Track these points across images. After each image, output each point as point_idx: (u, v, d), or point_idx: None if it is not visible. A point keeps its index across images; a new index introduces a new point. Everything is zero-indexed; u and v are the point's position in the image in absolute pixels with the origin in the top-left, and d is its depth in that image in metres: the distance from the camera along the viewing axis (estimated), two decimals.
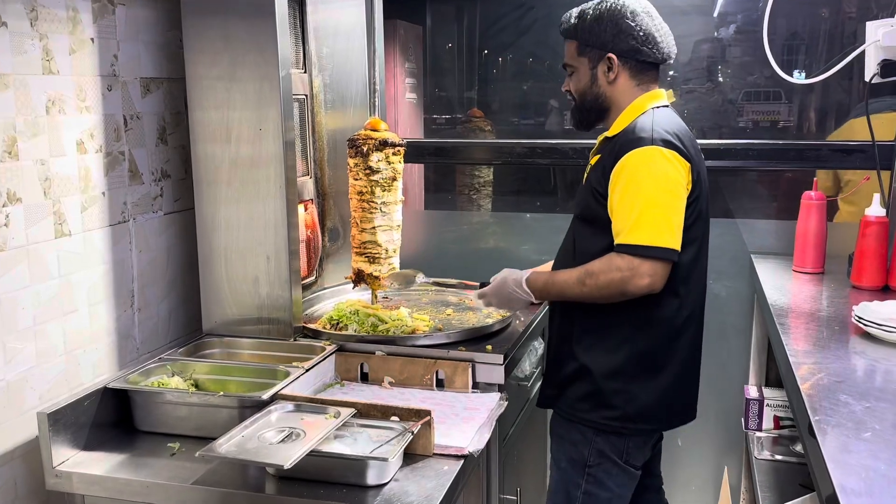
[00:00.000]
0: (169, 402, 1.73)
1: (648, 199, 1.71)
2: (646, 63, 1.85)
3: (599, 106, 1.88)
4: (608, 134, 1.88)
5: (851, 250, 2.36)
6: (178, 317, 2.18)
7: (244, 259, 2.06)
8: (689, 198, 1.77)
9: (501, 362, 1.93)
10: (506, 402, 1.89)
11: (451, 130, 3.59)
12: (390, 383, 1.96)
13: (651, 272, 1.71)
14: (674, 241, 1.72)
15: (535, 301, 1.92)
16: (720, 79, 3.33)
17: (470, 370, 1.93)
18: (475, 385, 1.95)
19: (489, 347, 1.99)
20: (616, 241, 1.75)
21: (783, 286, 2.34)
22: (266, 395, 1.68)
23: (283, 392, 1.72)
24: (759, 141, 2.70)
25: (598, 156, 1.87)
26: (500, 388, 1.94)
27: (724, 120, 3.29)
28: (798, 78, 2.44)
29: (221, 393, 1.74)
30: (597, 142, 1.94)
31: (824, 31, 3.15)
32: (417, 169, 3.41)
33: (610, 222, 1.79)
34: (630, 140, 1.77)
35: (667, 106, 1.88)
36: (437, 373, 1.94)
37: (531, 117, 3.35)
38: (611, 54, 1.83)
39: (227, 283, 2.08)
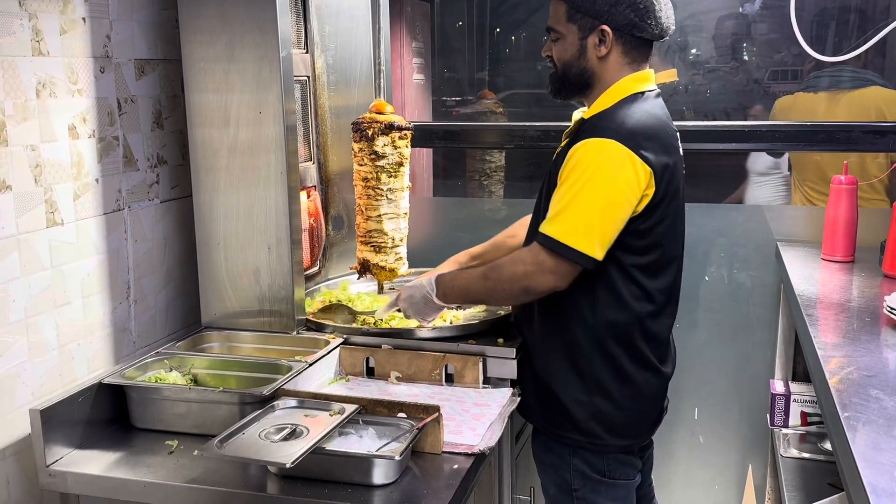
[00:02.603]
0: (167, 398, 1.73)
1: (583, 195, 1.62)
2: (641, 39, 1.74)
3: (584, 81, 1.77)
4: (585, 115, 1.78)
5: (883, 238, 2.33)
6: (175, 309, 2.18)
7: (244, 249, 2.06)
8: (648, 204, 1.68)
9: (514, 356, 1.93)
10: (518, 398, 1.89)
11: (460, 113, 3.57)
12: (397, 378, 1.96)
13: (555, 269, 1.66)
14: (591, 247, 1.63)
15: (443, 305, 1.86)
16: (745, 57, 3.30)
17: (481, 364, 1.92)
18: (486, 380, 1.94)
19: (501, 340, 1.98)
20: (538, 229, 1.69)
21: (811, 275, 2.32)
22: (267, 391, 1.68)
23: (286, 387, 1.72)
24: (786, 122, 2.67)
25: (568, 140, 1.79)
26: (513, 384, 1.94)
27: (748, 100, 3.25)
28: (827, 56, 2.40)
29: (221, 388, 1.74)
30: (572, 122, 1.83)
31: (855, 6, 3.11)
32: (425, 154, 3.40)
33: None
34: (595, 126, 1.68)
35: (656, 92, 1.79)
36: (446, 367, 1.94)
37: (545, 99, 3.32)
38: (605, 27, 1.71)
39: (226, 274, 2.09)
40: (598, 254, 1.65)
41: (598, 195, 1.62)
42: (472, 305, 2.12)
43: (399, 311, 1.98)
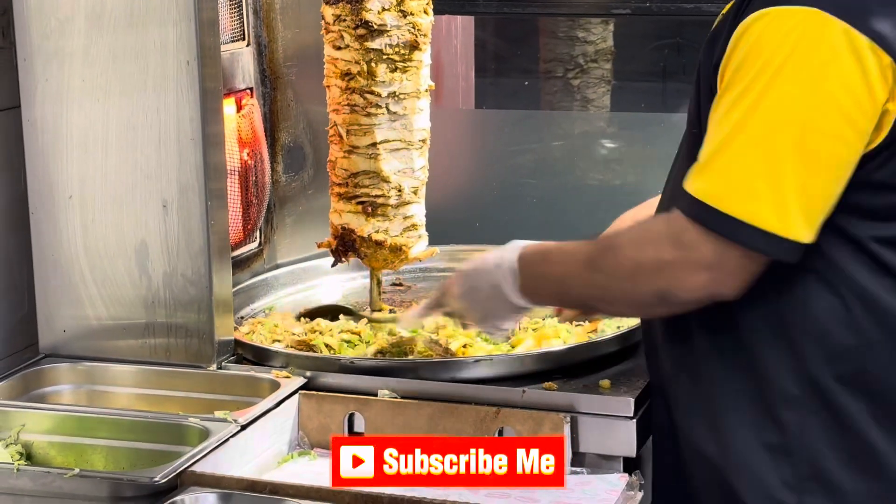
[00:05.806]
0: None
1: (763, 115, 1.63)
2: None
3: None
4: None
5: None
6: None
7: (117, 207, 2.09)
8: (894, 128, 1.64)
9: (631, 413, 1.94)
10: (641, 493, 1.89)
11: None
12: None
13: (712, 261, 1.64)
14: (784, 219, 1.62)
15: (526, 304, 1.87)
16: None
17: (567, 429, 1.93)
18: (578, 457, 1.96)
19: (605, 383, 2.00)
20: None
21: None
22: (163, 476, 1.69)
23: (198, 470, 1.73)
24: None
25: (732, 2, 1.81)
26: (631, 466, 1.96)
27: None
28: None
29: (77, 470, 1.75)
30: None
31: None
32: (460, 27, 3.40)
33: None
34: None
35: None
36: (500, 432, 1.95)
37: None
38: None
39: (84, 257, 2.11)
40: (804, 232, 1.63)
41: (792, 115, 1.62)
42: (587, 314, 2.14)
43: (446, 314, 1.99)
